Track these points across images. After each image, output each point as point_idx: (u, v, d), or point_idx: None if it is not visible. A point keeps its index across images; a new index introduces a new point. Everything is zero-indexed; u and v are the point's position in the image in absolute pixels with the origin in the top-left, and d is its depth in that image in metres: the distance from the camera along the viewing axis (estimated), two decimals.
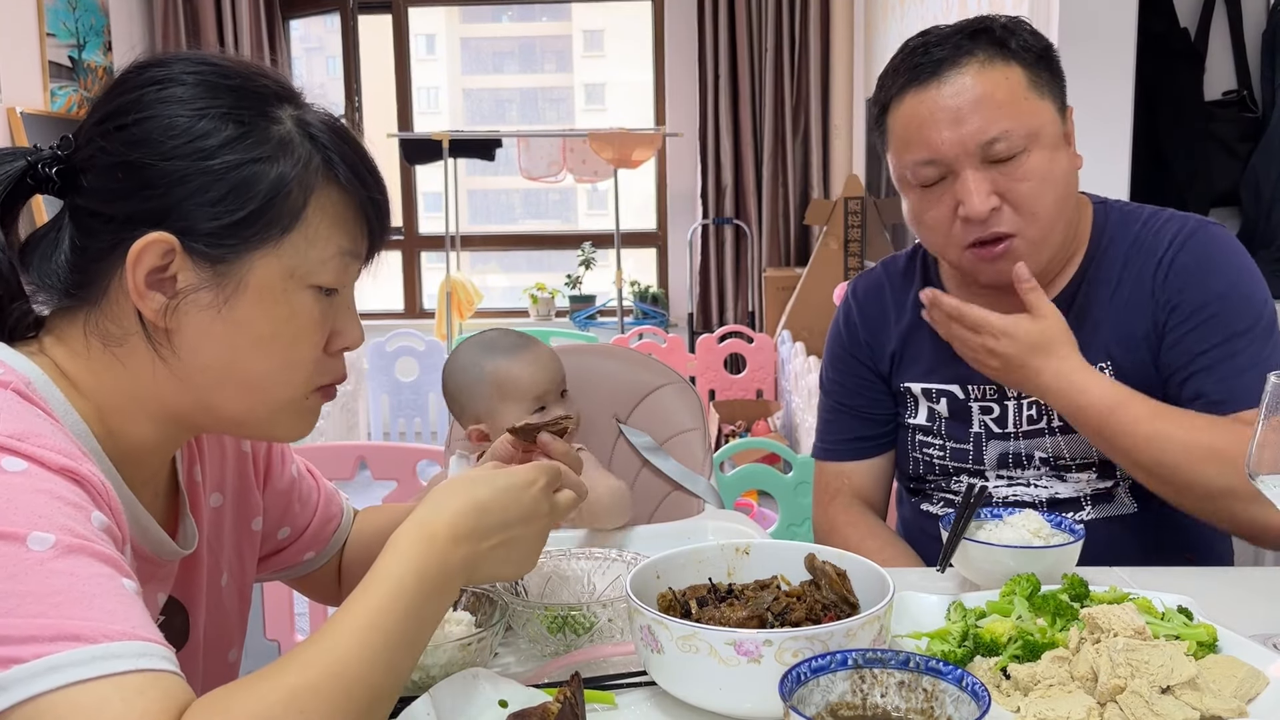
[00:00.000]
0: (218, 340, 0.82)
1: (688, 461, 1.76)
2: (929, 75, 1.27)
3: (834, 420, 1.56)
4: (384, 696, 0.73)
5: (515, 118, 8.42)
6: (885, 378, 1.51)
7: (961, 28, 1.30)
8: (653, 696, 0.93)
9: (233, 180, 0.79)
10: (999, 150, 1.25)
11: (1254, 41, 2.92)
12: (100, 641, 0.63)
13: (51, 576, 0.64)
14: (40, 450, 0.71)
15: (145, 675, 0.64)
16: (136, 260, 0.79)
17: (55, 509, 0.68)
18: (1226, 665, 0.88)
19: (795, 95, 5.67)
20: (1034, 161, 1.26)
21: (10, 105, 4.66)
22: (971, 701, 0.73)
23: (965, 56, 1.26)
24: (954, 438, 1.44)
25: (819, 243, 4.85)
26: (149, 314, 0.80)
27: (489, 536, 0.83)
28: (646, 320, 5.92)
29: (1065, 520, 1.16)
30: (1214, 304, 1.30)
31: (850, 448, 1.54)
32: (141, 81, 0.82)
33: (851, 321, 1.54)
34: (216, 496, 1.01)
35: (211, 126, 0.80)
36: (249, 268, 0.81)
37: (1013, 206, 1.27)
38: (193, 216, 0.79)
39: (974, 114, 1.25)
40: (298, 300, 0.83)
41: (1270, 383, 0.97)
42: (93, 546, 0.68)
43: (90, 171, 0.81)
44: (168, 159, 0.79)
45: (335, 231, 0.84)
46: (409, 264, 6.25)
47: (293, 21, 6.18)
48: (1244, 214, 2.89)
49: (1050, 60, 1.30)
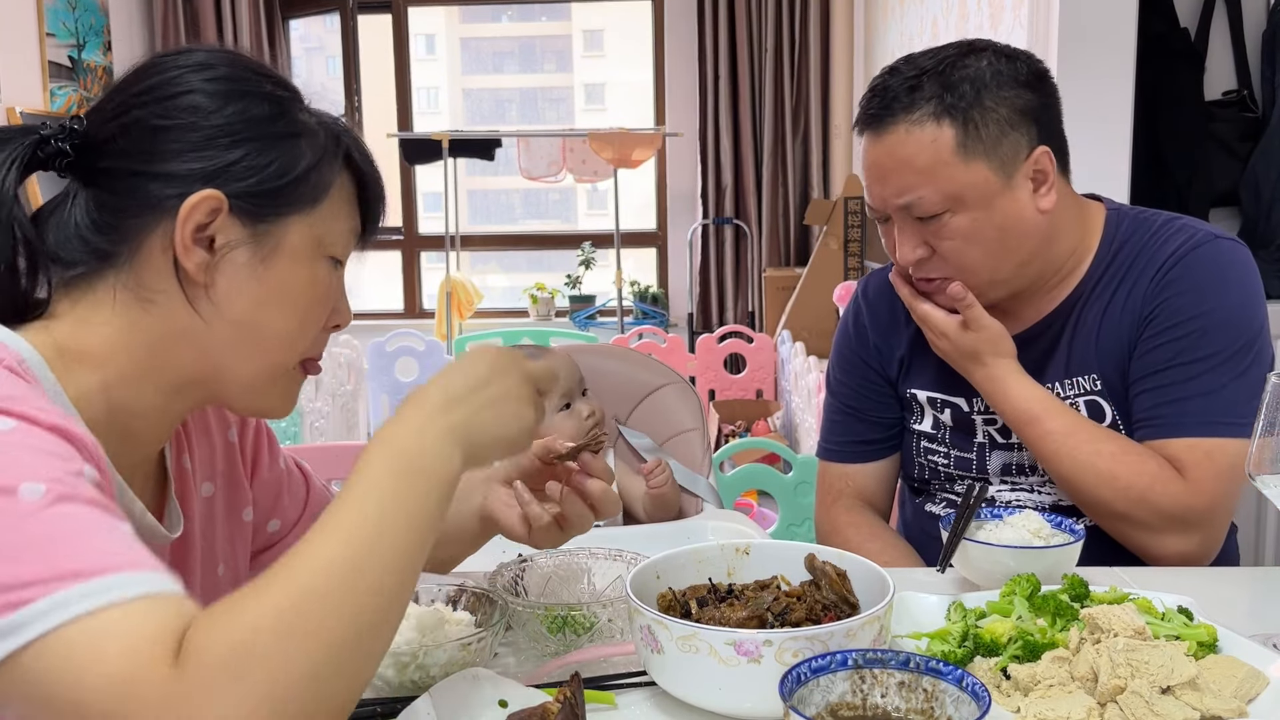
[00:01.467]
0: (250, 297, 0.86)
1: (688, 461, 1.76)
2: (867, 125, 1.30)
3: (839, 421, 1.56)
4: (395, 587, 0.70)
5: (515, 118, 8.42)
6: (893, 382, 1.50)
7: (919, 69, 1.28)
8: (653, 696, 0.93)
9: (282, 149, 0.86)
10: (916, 212, 1.28)
11: (1254, 41, 2.92)
12: (102, 574, 0.64)
13: (46, 524, 0.65)
14: (31, 410, 0.71)
15: (151, 599, 0.64)
16: (186, 216, 0.82)
17: (46, 462, 0.68)
18: (1226, 665, 0.88)
19: (795, 95, 5.67)
20: (956, 223, 1.27)
21: (10, 105, 4.66)
22: (971, 702, 0.73)
23: (900, 113, 1.26)
24: (958, 446, 1.44)
25: (819, 243, 4.85)
26: (191, 268, 0.84)
27: (464, 398, 0.81)
28: (646, 320, 5.92)
29: (1065, 520, 1.16)
30: (1191, 322, 1.28)
31: (855, 450, 1.54)
32: (179, 64, 0.86)
33: (861, 323, 1.53)
34: (208, 486, 1.02)
35: (256, 105, 0.86)
36: (285, 231, 0.87)
37: (940, 257, 1.31)
38: (241, 180, 0.84)
39: (893, 175, 1.28)
40: (319, 268, 0.90)
41: (1270, 383, 0.97)
42: (85, 493, 0.68)
43: (123, 137, 0.84)
44: (220, 126, 0.84)
45: (348, 209, 0.92)
46: (409, 264, 6.25)
47: (293, 21, 6.18)
48: (1244, 214, 2.89)
49: (1003, 105, 1.26)
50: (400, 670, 0.93)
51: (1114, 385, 1.33)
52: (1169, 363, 1.28)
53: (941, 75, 1.26)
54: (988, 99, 1.25)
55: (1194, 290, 1.29)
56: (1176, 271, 1.30)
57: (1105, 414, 1.34)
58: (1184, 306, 1.29)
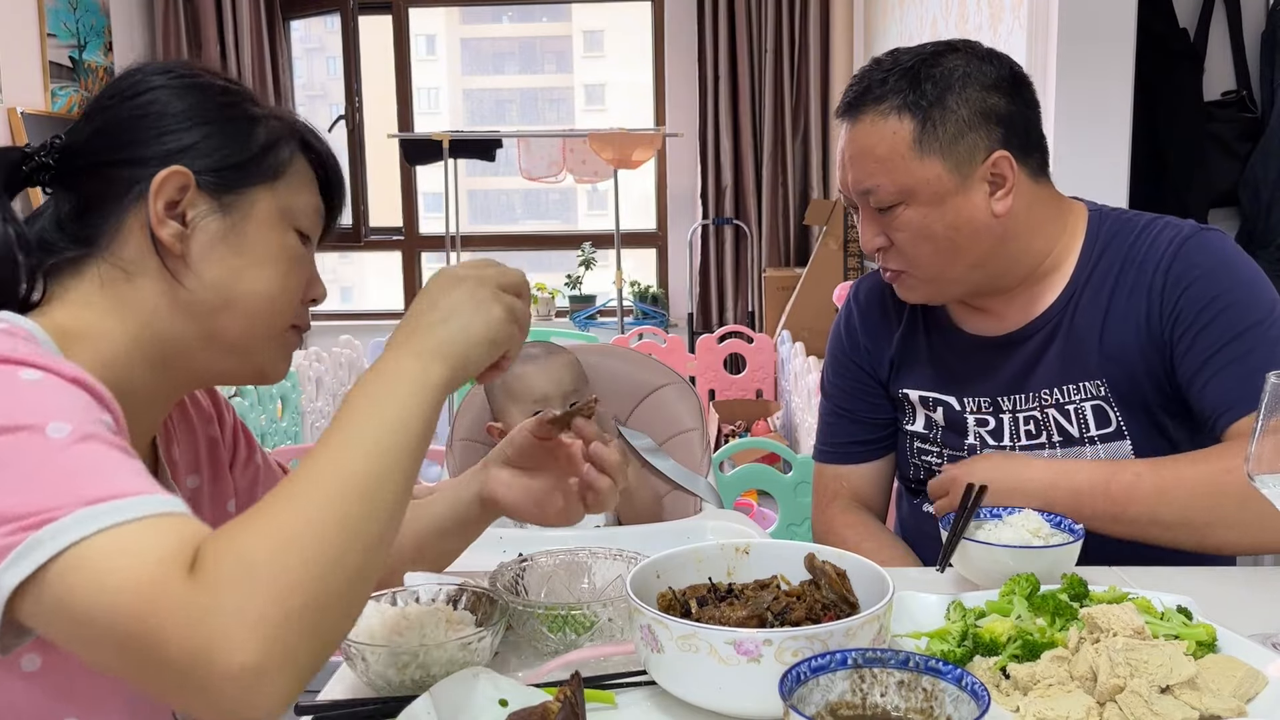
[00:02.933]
0: (226, 264, 0.92)
1: (687, 461, 1.77)
2: (844, 114, 1.33)
3: (834, 423, 1.57)
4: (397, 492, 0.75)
5: (515, 118, 8.43)
6: (884, 383, 1.51)
7: (896, 63, 1.31)
8: (653, 696, 0.93)
9: (239, 129, 0.93)
10: (873, 201, 1.31)
11: (1253, 41, 2.92)
12: (122, 497, 0.68)
13: (71, 460, 0.70)
14: (54, 363, 0.76)
15: (167, 518, 0.69)
16: (157, 191, 0.89)
17: (71, 405, 0.74)
18: (1226, 665, 0.88)
19: (795, 95, 5.67)
20: (907, 215, 1.30)
21: (11, 105, 4.66)
22: (971, 701, 0.73)
23: (869, 104, 1.30)
24: (950, 446, 1.44)
25: (819, 243, 4.85)
26: (166, 240, 0.89)
27: (424, 319, 0.84)
28: (646, 320, 5.92)
29: (1065, 520, 1.16)
30: (1217, 303, 1.28)
31: (849, 451, 1.55)
32: (143, 70, 0.95)
33: (852, 326, 1.55)
34: (193, 479, 1.05)
35: (212, 96, 0.94)
36: (251, 201, 0.93)
37: (895, 249, 1.33)
38: (204, 158, 0.91)
39: (857, 162, 1.31)
40: (288, 238, 0.96)
41: (1270, 383, 0.97)
42: (106, 436, 0.73)
43: (96, 137, 0.92)
44: (181, 112, 0.92)
45: (310, 187, 0.99)
46: (409, 264, 6.25)
47: (293, 22, 6.18)
48: (1243, 214, 2.89)
49: (964, 105, 1.27)
50: (400, 670, 0.93)
51: (1122, 391, 1.32)
52: (1219, 344, 1.26)
53: (913, 71, 1.29)
54: (950, 99, 1.27)
55: (1205, 276, 1.29)
56: (1179, 266, 1.30)
57: (1111, 420, 1.34)
58: (1203, 292, 1.28)
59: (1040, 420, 1.37)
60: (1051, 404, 1.37)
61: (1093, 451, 1.35)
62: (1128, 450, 1.34)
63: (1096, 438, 1.35)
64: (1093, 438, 1.35)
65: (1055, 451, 1.37)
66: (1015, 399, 1.39)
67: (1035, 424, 1.38)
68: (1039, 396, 1.37)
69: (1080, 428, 1.35)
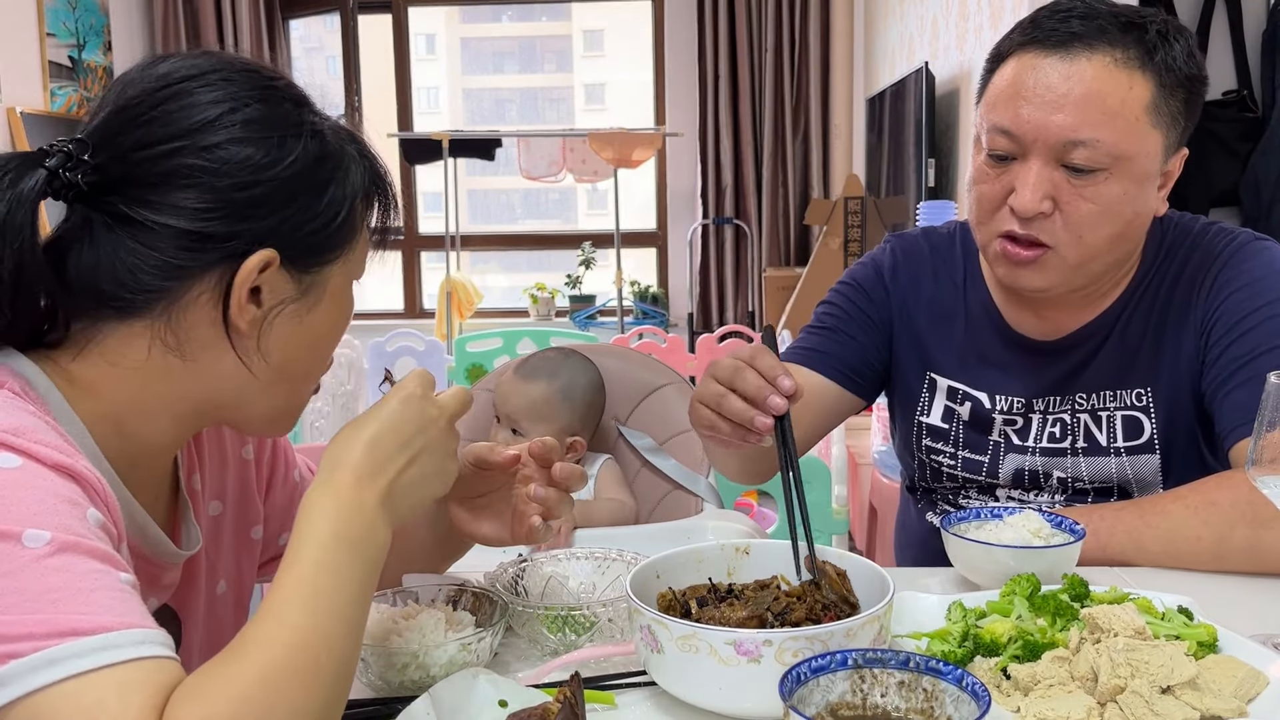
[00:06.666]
0: (296, 344, 0.86)
1: (688, 461, 1.76)
2: (1054, 45, 1.16)
3: (808, 335, 1.44)
4: (348, 656, 0.73)
5: (515, 118, 8.43)
6: (888, 342, 1.41)
7: (1118, 12, 1.17)
8: (653, 696, 0.93)
9: (328, 194, 0.84)
10: (1077, 158, 1.15)
11: (1254, 41, 2.92)
12: (97, 633, 0.64)
13: (47, 574, 0.65)
14: (35, 446, 0.71)
15: (143, 664, 0.65)
16: (245, 278, 0.80)
17: (50, 505, 0.68)
18: (1226, 665, 0.88)
19: (795, 95, 5.67)
20: (1108, 187, 1.16)
21: (10, 105, 4.66)
22: (971, 701, 0.73)
23: (1102, 45, 1.15)
24: (970, 446, 1.38)
25: (819, 243, 4.85)
26: (243, 325, 0.82)
27: (393, 461, 0.81)
28: (646, 320, 5.92)
29: (1065, 520, 1.16)
30: (1257, 314, 1.22)
31: (810, 356, 1.40)
32: (203, 97, 0.81)
33: (891, 275, 1.41)
34: (216, 505, 1.02)
35: (300, 144, 0.82)
36: (329, 276, 0.86)
37: (1063, 219, 1.18)
38: (295, 231, 0.82)
39: (1074, 107, 1.14)
40: (349, 298, 0.90)
41: (1270, 383, 0.97)
42: (87, 543, 0.68)
43: (164, 184, 0.79)
44: (275, 181, 0.81)
45: (366, 234, 0.90)
46: (409, 264, 6.25)
47: (293, 21, 6.18)
48: (1244, 214, 2.89)
49: (1190, 92, 1.19)
50: (400, 670, 0.93)
51: (1168, 398, 1.28)
52: (1250, 356, 1.21)
53: (1141, 29, 1.16)
54: (1177, 80, 1.17)
55: (1249, 285, 1.24)
56: (1226, 274, 1.26)
57: (1144, 432, 1.30)
58: (1244, 301, 1.23)
59: (1068, 424, 1.33)
60: (1086, 409, 1.32)
61: (1118, 464, 1.32)
62: (1155, 465, 1.30)
63: (1123, 449, 1.31)
64: (1119, 449, 1.31)
65: (1077, 459, 1.33)
66: (1050, 400, 1.34)
67: (1062, 427, 1.34)
68: (1074, 400, 1.33)
69: (1109, 437, 1.31)
